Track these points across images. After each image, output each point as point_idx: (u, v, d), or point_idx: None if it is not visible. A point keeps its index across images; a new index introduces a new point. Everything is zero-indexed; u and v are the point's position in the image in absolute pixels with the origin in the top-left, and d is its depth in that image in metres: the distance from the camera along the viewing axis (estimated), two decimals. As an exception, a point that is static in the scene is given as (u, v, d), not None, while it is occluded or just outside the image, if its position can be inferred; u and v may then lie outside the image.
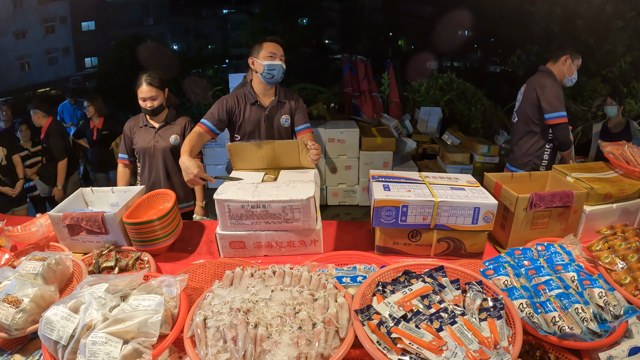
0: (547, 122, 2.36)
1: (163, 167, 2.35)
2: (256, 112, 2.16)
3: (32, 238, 1.72)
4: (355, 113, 5.78)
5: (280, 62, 2.06)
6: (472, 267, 1.41)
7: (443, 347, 0.90)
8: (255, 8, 10.60)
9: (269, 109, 2.17)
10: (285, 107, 2.22)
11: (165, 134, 2.33)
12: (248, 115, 2.16)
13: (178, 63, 8.84)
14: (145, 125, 2.34)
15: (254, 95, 2.16)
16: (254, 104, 2.16)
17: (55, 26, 12.40)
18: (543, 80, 2.42)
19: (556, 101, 2.32)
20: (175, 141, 2.32)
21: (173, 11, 13.17)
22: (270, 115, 2.18)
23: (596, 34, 5.78)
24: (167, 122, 2.34)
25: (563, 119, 2.32)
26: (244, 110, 2.16)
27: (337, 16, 11.75)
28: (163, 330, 1.02)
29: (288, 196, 1.48)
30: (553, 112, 2.33)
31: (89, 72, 12.56)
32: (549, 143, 2.46)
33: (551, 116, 2.34)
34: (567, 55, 2.40)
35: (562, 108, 2.33)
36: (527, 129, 2.51)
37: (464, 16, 8.25)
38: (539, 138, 2.47)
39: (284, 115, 2.21)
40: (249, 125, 2.17)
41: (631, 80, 5.63)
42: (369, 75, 5.86)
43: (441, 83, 6.11)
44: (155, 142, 2.32)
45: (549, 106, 2.35)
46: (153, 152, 2.33)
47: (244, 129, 2.18)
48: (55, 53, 12.54)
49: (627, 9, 5.59)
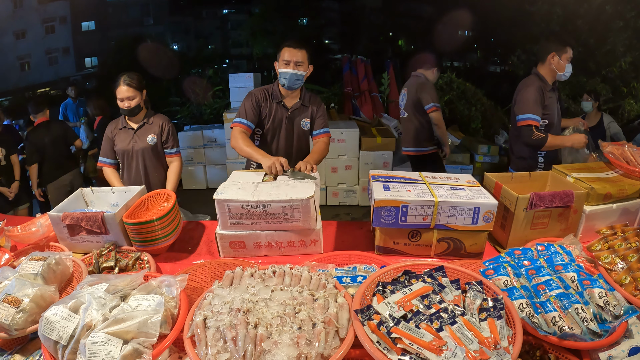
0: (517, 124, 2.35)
1: (142, 167, 2.39)
2: (280, 111, 2.21)
3: (32, 238, 1.72)
4: (355, 113, 5.78)
5: (292, 70, 2.06)
6: (472, 267, 1.41)
7: (443, 347, 0.90)
8: (255, 8, 10.60)
9: (292, 110, 2.21)
10: (308, 111, 2.27)
11: (143, 135, 2.36)
12: (273, 113, 2.20)
13: (178, 63, 8.84)
14: (124, 127, 2.37)
15: (279, 94, 2.20)
16: (279, 102, 2.20)
17: (55, 26, 12.42)
18: (522, 84, 2.42)
19: (521, 104, 2.30)
20: (153, 141, 2.36)
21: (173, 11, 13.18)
22: (292, 117, 2.22)
23: (596, 34, 5.78)
24: (145, 123, 2.37)
25: (524, 122, 2.28)
26: (270, 106, 2.20)
27: (337, 16, 11.75)
28: (163, 330, 1.02)
29: (288, 196, 1.48)
30: (518, 115, 2.33)
31: (89, 72, 12.57)
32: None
33: (518, 119, 2.33)
34: (553, 53, 2.37)
35: (527, 110, 2.28)
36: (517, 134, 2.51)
37: (464, 16, 8.25)
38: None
39: (304, 119, 2.26)
40: (272, 122, 2.22)
41: (631, 80, 5.63)
42: (369, 75, 5.86)
43: (441, 83, 6.10)
44: (133, 143, 2.35)
45: (516, 109, 2.35)
46: (132, 153, 2.36)
47: (267, 124, 2.22)
48: (55, 53, 12.56)
49: (627, 9, 5.59)
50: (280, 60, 2.08)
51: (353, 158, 4.69)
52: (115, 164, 2.43)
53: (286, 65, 2.07)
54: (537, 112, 2.29)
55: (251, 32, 9.79)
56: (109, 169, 2.41)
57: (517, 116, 2.34)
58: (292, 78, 2.08)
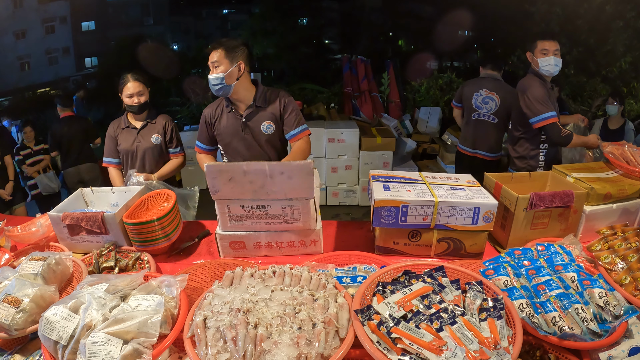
0: (534, 126, 2.34)
1: (146, 167, 2.37)
2: (233, 120, 1.95)
3: (32, 238, 1.72)
4: (355, 113, 5.79)
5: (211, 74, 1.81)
6: (472, 267, 1.41)
7: (443, 347, 0.90)
8: (255, 8, 10.61)
9: (246, 116, 1.93)
10: (267, 112, 1.94)
11: (147, 135, 2.34)
12: (225, 124, 1.95)
13: (178, 63, 8.84)
14: (127, 126, 2.35)
15: (230, 102, 1.94)
16: (230, 112, 1.95)
17: (55, 26, 12.41)
18: (523, 84, 2.40)
19: (536, 104, 2.28)
20: (157, 140, 2.35)
21: (173, 11, 13.18)
22: (249, 123, 1.93)
23: (596, 34, 5.78)
24: (149, 122, 2.36)
25: (546, 121, 2.27)
26: (220, 118, 1.97)
27: (337, 16, 11.75)
28: (163, 330, 1.02)
29: (288, 196, 1.47)
30: (535, 116, 2.31)
31: (89, 72, 12.57)
32: (542, 144, 2.45)
33: (535, 120, 2.32)
34: (528, 52, 2.37)
35: (544, 110, 2.26)
36: (519, 135, 2.51)
37: (464, 16, 8.25)
38: (531, 142, 2.46)
39: (264, 122, 1.93)
40: (226, 135, 1.97)
41: (631, 80, 5.63)
42: (369, 75, 5.86)
43: (441, 83, 6.12)
44: (137, 143, 2.34)
45: (529, 111, 2.32)
46: (136, 153, 2.35)
47: (223, 139, 2.01)
48: (55, 53, 12.55)
49: (627, 9, 5.59)
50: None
51: (353, 158, 4.69)
52: (120, 163, 2.42)
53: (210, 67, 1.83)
54: (553, 108, 2.29)
55: (251, 32, 9.80)
56: (114, 170, 2.41)
57: (536, 117, 2.30)
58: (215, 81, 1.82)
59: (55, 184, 4.27)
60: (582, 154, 2.40)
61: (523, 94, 2.36)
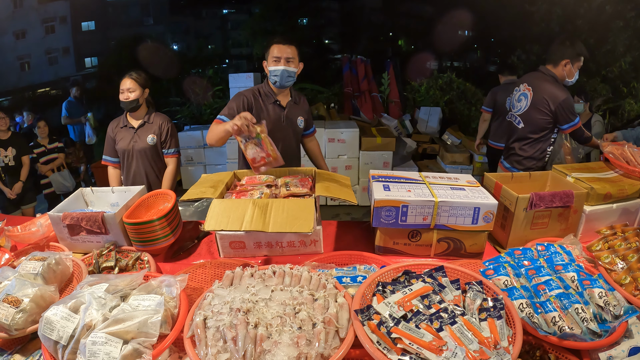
0: (565, 131, 2.43)
1: (142, 167, 2.39)
2: (277, 111, 2.11)
3: (32, 238, 1.72)
4: (355, 113, 5.78)
5: (283, 66, 1.97)
6: (472, 267, 1.41)
7: (443, 347, 0.90)
8: (255, 8, 10.59)
9: (287, 109, 2.14)
10: (300, 108, 2.20)
11: (144, 134, 2.36)
12: (270, 113, 2.09)
13: (178, 63, 8.82)
14: (125, 125, 2.37)
15: (272, 94, 2.11)
16: (273, 102, 2.11)
17: (55, 26, 12.40)
18: (552, 90, 2.38)
19: (568, 113, 2.36)
20: (152, 141, 2.36)
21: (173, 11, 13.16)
22: (289, 116, 2.14)
23: (596, 34, 5.77)
24: (146, 122, 2.37)
25: (576, 126, 2.37)
26: (264, 107, 2.10)
27: (337, 16, 11.73)
28: (163, 330, 1.02)
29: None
30: (566, 124, 2.38)
31: (89, 72, 12.56)
32: (550, 146, 2.50)
33: (566, 127, 2.40)
34: (567, 60, 2.38)
35: (575, 117, 2.37)
36: (534, 137, 2.49)
37: (464, 16, 8.24)
38: (544, 143, 2.49)
39: (299, 117, 2.19)
40: (269, 123, 2.08)
41: (631, 80, 5.62)
42: (369, 75, 5.86)
43: (441, 83, 6.11)
44: (134, 143, 2.35)
45: (564, 121, 2.38)
46: (132, 152, 2.36)
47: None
48: (55, 53, 12.54)
49: (627, 9, 5.58)
50: (270, 58, 1.99)
51: (353, 158, 4.68)
52: (119, 162, 2.44)
53: (276, 62, 1.97)
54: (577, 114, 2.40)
55: (251, 32, 9.78)
56: (112, 169, 2.43)
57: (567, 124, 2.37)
58: (284, 75, 1.99)
59: (70, 182, 4.25)
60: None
61: (555, 102, 2.36)
